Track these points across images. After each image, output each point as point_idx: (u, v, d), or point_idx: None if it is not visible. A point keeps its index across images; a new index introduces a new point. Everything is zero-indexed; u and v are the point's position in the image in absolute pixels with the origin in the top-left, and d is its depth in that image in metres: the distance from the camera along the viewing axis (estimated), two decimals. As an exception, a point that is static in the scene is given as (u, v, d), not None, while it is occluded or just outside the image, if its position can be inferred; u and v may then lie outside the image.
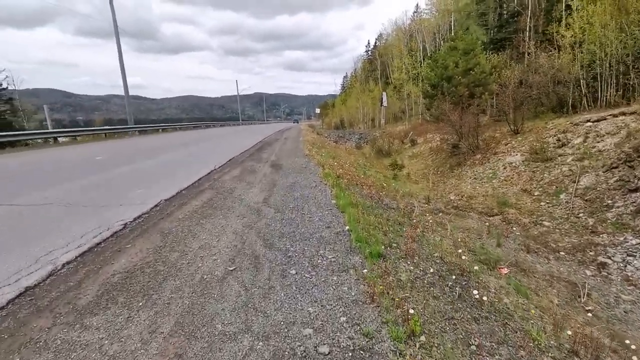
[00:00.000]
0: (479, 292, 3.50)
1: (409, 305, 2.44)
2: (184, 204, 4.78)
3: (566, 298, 4.65)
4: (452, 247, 5.43)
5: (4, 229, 3.75)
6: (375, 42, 64.44)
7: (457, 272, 3.78)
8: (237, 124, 53.27)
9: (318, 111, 69.23)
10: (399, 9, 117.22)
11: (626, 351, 3.21)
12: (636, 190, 7.81)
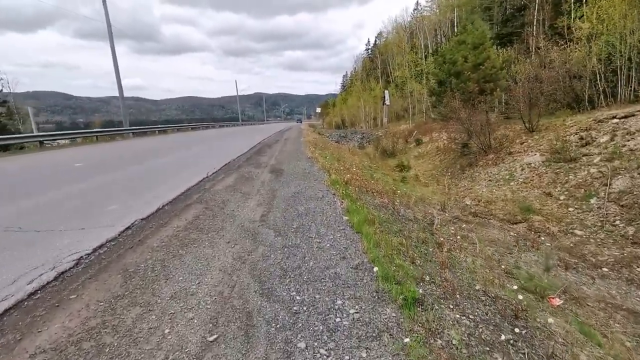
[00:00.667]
0: (545, 345, 2.67)
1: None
2: (163, 224, 3.91)
3: (636, 336, 3.78)
4: (488, 270, 4.56)
5: None
6: (376, 41, 63.66)
7: (510, 314, 2.95)
8: (237, 124, 52.35)
9: (319, 110, 68.15)
10: (399, 6, 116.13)
11: None
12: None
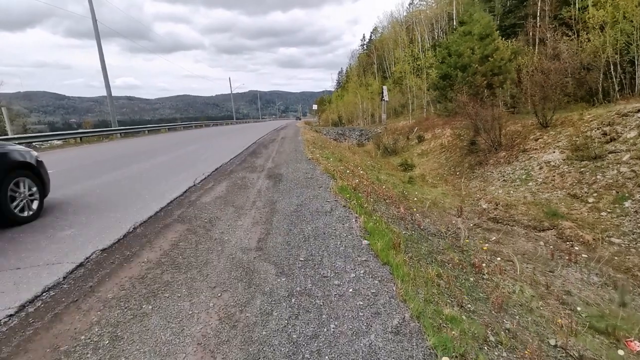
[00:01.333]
0: None
1: None
2: (129, 258, 2.96)
3: None
4: (543, 303, 3.67)
5: None
6: (371, 36, 62.67)
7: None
8: (232, 122, 51.16)
9: (315, 107, 66.93)
10: (395, 1, 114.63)
11: None
12: None
